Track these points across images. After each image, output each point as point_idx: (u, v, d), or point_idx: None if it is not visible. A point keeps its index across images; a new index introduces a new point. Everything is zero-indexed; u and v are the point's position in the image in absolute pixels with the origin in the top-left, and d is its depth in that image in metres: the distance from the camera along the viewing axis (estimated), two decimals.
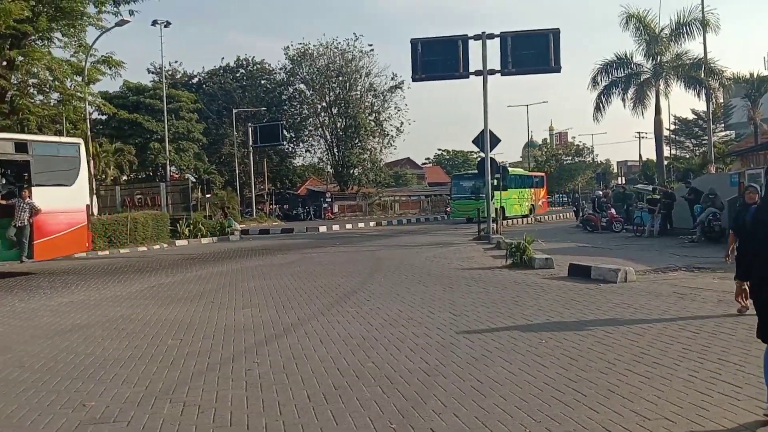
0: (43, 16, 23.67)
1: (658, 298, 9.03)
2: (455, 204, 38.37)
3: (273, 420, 4.56)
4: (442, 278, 12.06)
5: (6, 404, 5.13)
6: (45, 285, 13.15)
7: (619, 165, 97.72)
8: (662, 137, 37.31)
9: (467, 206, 35.16)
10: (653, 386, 5.03)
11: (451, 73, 22.07)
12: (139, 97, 47.59)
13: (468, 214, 34.62)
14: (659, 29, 33.35)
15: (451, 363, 5.91)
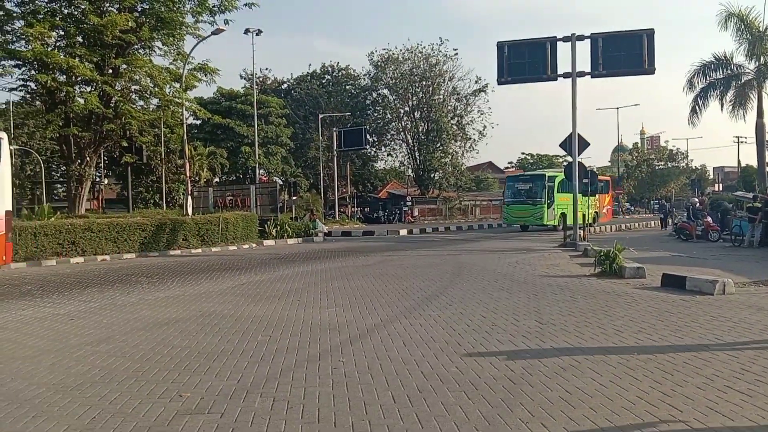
0: (146, 26, 25.10)
1: (759, 312, 8.51)
2: (508, 209, 34.11)
3: (359, 419, 4.63)
4: (527, 285, 11.84)
5: (110, 391, 5.46)
6: (143, 280, 13.89)
7: (716, 171, 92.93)
8: (764, 142, 35.09)
9: (522, 212, 32.26)
10: (756, 405, 4.75)
11: (538, 76, 21.70)
12: (231, 103, 49.50)
13: (523, 220, 32.37)
14: (764, 27, 31.45)
15: (538, 372, 5.80)
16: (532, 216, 31.34)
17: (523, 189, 33.20)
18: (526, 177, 36.89)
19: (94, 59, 24.41)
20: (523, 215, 32.08)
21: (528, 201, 32.14)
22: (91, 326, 8.53)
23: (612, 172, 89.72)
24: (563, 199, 31.57)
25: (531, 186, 32.80)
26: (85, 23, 24.14)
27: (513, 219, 33.23)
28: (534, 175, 35.46)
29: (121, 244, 20.47)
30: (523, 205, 32.22)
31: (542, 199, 31.19)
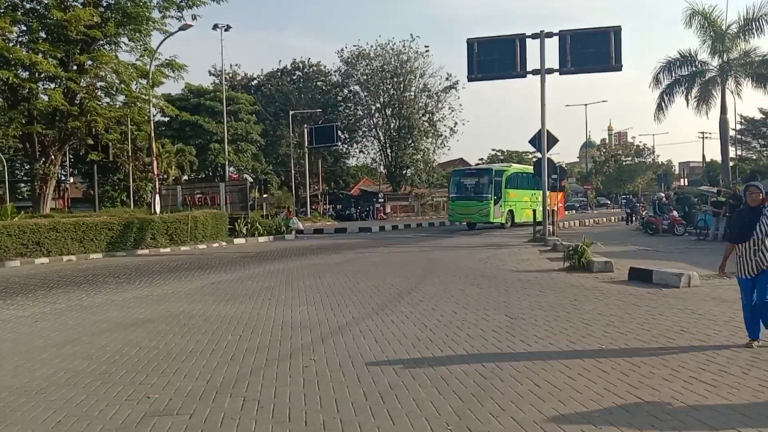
0: (111, 21, 24.60)
1: (723, 304, 8.70)
2: (453, 205, 31.70)
3: (330, 417, 4.61)
4: (497, 280, 11.94)
5: (76, 394, 5.35)
6: (110, 281, 13.65)
7: (682, 166, 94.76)
8: (728, 137, 35.91)
9: (467, 208, 30.27)
10: (720, 395, 4.85)
11: (507, 73, 21.87)
12: (199, 100, 48.93)
13: (468, 217, 30.53)
14: (726, 26, 32.15)
15: (508, 366, 5.84)
16: (477, 213, 29.79)
17: (469, 184, 31.22)
18: (472, 171, 34.78)
19: (58, 55, 23.87)
20: (469, 212, 30.25)
21: (474, 197, 30.33)
22: (56, 328, 8.35)
23: (580, 168, 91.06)
24: (512, 194, 31.05)
25: (477, 180, 30.95)
26: (48, 18, 23.57)
27: (458, 216, 31.27)
28: (480, 169, 34.12)
29: (87, 244, 20.08)
30: (469, 201, 30.36)
31: (489, 194, 29.77)
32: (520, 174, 33.33)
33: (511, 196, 30.96)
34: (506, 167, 33.35)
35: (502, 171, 31.43)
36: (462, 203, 30.71)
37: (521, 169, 34.45)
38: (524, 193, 32.45)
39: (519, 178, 32.73)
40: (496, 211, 29.66)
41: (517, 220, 31.46)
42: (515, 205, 31.40)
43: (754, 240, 6.26)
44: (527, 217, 31.76)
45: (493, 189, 29.68)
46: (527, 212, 31.69)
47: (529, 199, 32.37)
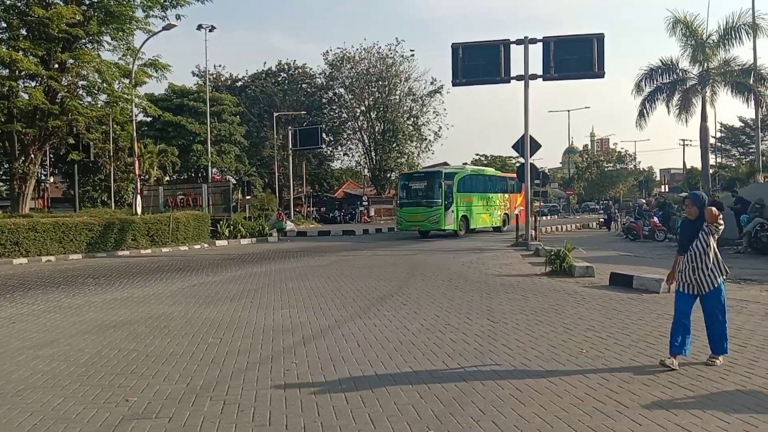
0: (94, 20, 24.38)
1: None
2: (402, 212, 28.96)
3: (311, 421, 4.59)
4: (480, 284, 11.97)
5: (53, 396, 5.28)
6: (90, 282, 13.50)
7: (663, 173, 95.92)
8: (708, 145, 36.34)
9: (416, 215, 27.82)
10: (698, 400, 4.90)
11: (492, 78, 21.95)
12: (183, 100, 48.58)
13: (417, 225, 28.05)
14: (707, 35, 32.56)
15: (490, 370, 5.86)
16: (427, 220, 27.60)
17: (418, 188, 28.89)
18: (420, 174, 32.11)
19: (39, 53, 23.58)
20: (418, 219, 27.91)
21: (423, 202, 28.00)
22: (34, 330, 8.24)
23: (563, 174, 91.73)
24: (466, 199, 29.28)
25: (426, 185, 28.56)
26: (30, 15, 23.30)
27: (406, 224, 28.62)
28: (429, 172, 31.34)
29: (67, 245, 19.87)
30: (418, 208, 27.99)
31: (439, 199, 27.55)
32: (475, 176, 31.75)
33: (465, 200, 29.17)
34: (458, 169, 31.34)
35: (454, 174, 29.38)
36: (410, 210, 28.36)
37: (476, 171, 33.24)
38: (480, 197, 30.89)
39: (474, 181, 31.05)
40: (448, 217, 27.56)
41: (472, 227, 29.88)
42: (470, 210, 29.61)
43: (692, 255, 5.87)
44: (484, 223, 31.06)
45: (443, 193, 27.49)
46: (485, 217, 30.99)
47: (485, 204, 31.10)
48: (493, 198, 32.02)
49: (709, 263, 5.81)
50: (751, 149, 49.78)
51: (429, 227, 27.95)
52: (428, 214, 27.53)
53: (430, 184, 28.22)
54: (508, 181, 34.64)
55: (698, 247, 5.84)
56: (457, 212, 28.20)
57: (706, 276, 5.82)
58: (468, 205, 29.41)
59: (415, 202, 28.31)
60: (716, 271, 5.85)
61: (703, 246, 5.82)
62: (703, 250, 5.81)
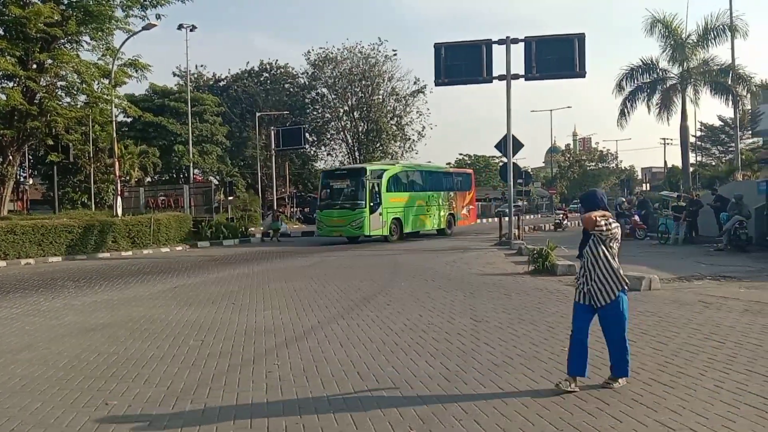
0: (73, 19, 24.07)
1: (682, 307, 8.89)
2: (322, 216, 25.66)
3: (293, 423, 4.56)
4: (463, 283, 12.00)
5: (31, 401, 5.20)
6: (69, 284, 13.34)
7: (644, 171, 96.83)
8: (688, 144, 36.74)
9: (337, 219, 24.58)
10: (678, 396, 4.94)
11: (474, 78, 22.02)
12: (164, 100, 48.13)
13: (339, 230, 24.77)
14: (686, 35, 32.90)
15: (472, 369, 5.87)
16: (349, 224, 24.35)
17: (341, 188, 25.56)
18: (342, 172, 28.39)
19: (16, 53, 23.22)
20: (340, 223, 24.60)
21: (346, 204, 24.72)
22: (12, 333, 8.13)
23: (546, 173, 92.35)
24: (397, 199, 26.00)
25: (349, 184, 25.33)
26: (6, 15, 22.96)
27: (327, 229, 25.27)
28: (352, 170, 27.91)
29: (46, 247, 19.61)
30: (339, 210, 24.73)
31: (363, 200, 24.29)
32: (411, 173, 28.29)
33: (397, 200, 25.82)
34: (388, 165, 28.18)
35: (382, 171, 25.87)
36: (331, 212, 25.05)
37: (411, 167, 29.55)
38: (417, 196, 27.33)
39: (408, 179, 27.76)
40: (374, 221, 24.39)
41: (407, 230, 26.55)
42: (404, 212, 26.22)
43: (584, 263, 5.26)
44: (423, 226, 27.78)
45: (368, 193, 24.30)
46: (423, 219, 27.61)
47: (425, 204, 27.66)
48: (434, 197, 28.46)
49: (603, 272, 5.13)
50: (730, 148, 50.37)
51: (352, 233, 24.65)
52: (351, 217, 24.27)
53: (354, 183, 25.00)
54: (454, 178, 31.61)
55: (590, 253, 5.21)
56: (386, 215, 25.00)
57: (601, 286, 5.14)
58: (401, 207, 26.11)
59: (336, 204, 25.02)
60: (613, 282, 5.14)
61: (594, 253, 5.17)
62: (595, 257, 5.17)
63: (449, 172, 32.77)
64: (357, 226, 24.17)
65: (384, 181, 25.15)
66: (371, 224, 24.27)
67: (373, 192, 24.49)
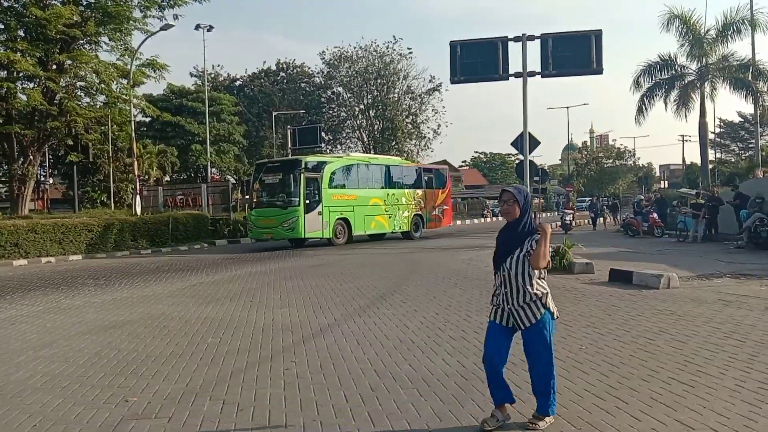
0: (92, 21, 24.39)
1: (702, 305, 8.79)
2: (252, 216, 22.79)
3: (311, 420, 4.58)
4: (480, 281, 11.96)
5: (53, 397, 5.27)
6: (90, 282, 13.50)
7: (662, 169, 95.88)
8: (707, 140, 36.35)
9: (269, 218, 21.60)
10: (698, 395, 4.90)
11: (490, 75, 21.88)
12: (181, 100, 48.54)
13: (270, 231, 21.71)
14: (704, 30, 32.53)
15: None
16: (280, 225, 21.35)
17: (273, 183, 22.51)
18: (275, 164, 24.53)
19: (36, 54, 23.60)
20: (269, 224, 21.60)
21: (277, 202, 21.76)
22: (34, 331, 8.24)
23: (562, 170, 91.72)
24: (342, 197, 22.92)
25: (281, 178, 22.15)
26: (27, 16, 23.29)
27: (258, 230, 22.33)
28: (287, 162, 24.42)
29: (66, 246, 19.86)
30: (270, 209, 21.79)
31: (297, 198, 21.30)
32: (361, 167, 24.83)
33: (343, 198, 22.94)
34: (333, 158, 25.00)
35: (322, 164, 22.86)
36: (262, 211, 22.15)
37: (361, 160, 25.75)
38: (372, 194, 24.28)
39: (360, 174, 24.52)
40: (311, 221, 21.49)
41: (358, 232, 23.67)
42: (353, 211, 23.21)
43: (505, 276, 4.32)
44: (380, 228, 24.68)
45: (302, 190, 21.30)
46: (380, 220, 24.47)
47: (383, 203, 24.65)
48: (395, 195, 25.26)
49: (530, 290, 4.26)
50: (750, 144, 49.76)
51: (283, 235, 21.72)
52: (282, 217, 21.33)
53: (287, 178, 21.79)
54: (422, 175, 28.00)
55: (515, 263, 4.27)
56: (328, 214, 22.10)
57: (523, 306, 4.28)
58: (349, 205, 23.13)
59: (268, 202, 22.21)
60: (538, 301, 4.29)
61: (521, 266, 4.26)
62: (520, 271, 4.26)
63: (417, 168, 29.06)
64: (289, 227, 21.27)
65: (325, 175, 22.29)
66: (307, 225, 21.34)
67: (311, 188, 21.65)
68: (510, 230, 4.37)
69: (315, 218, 21.56)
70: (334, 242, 22.35)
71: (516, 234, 4.31)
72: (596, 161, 78.33)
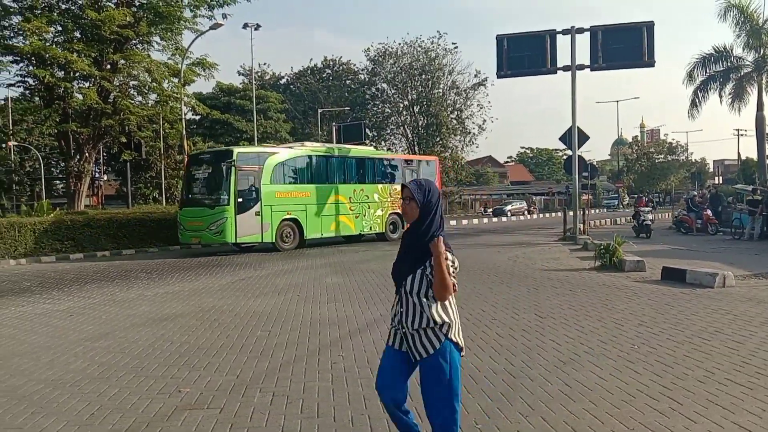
0: (144, 21, 25.01)
1: (759, 305, 8.49)
2: (182, 215, 19.30)
3: (358, 414, 4.61)
4: (527, 279, 11.83)
5: (109, 387, 5.45)
6: (143, 276, 13.88)
7: (716, 164, 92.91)
8: (764, 135, 35.04)
9: (196, 220, 18.56)
10: (756, 398, 4.73)
11: (537, 69, 21.62)
12: (230, 98, 49.46)
13: (197, 235, 18.65)
14: (763, 20, 31.35)
15: (538, 365, 5.78)
16: (208, 228, 18.30)
17: (202, 178, 19.52)
18: (206, 156, 20.92)
19: (92, 54, 24.34)
20: (197, 226, 18.52)
21: (204, 200, 18.93)
22: (90, 322, 8.52)
23: (612, 166, 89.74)
24: (287, 194, 19.82)
25: (210, 173, 19.15)
26: (83, 18, 24.06)
27: (187, 233, 19.00)
28: (217, 153, 20.80)
29: (120, 240, 20.44)
30: (198, 208, 18.77)
31: (226, 196, 18.28)
32: (312, 158, 21.18)
33: (289, 195, 19.86)
34: (278, 149, 21.40)
35: (263, 155, 19.65)
36: (189, 211, 19.05)
37: (317, 151, 21.77)
38: (329, 190, 21.17)
39: (312, 166, 21.14)
40: (244, 223, 18.44)
41: (313, 235, 20.60)
42: (305, 210, 20.17)
43: (402, 294, 3.55)
44: (347, 230, 21.69)
45: (232, 186, 18.27)
46: (347, 221, 21.60)
47: (347, 200, 21.64)
48: (364, 192, 22.29)
49: (428, 312, 3.38)
50: None
51: (211, 239, 18.58)
52: (210, 218, 18.27)
53: (216, 172, 18.79)
54: (403, 166, 24.55)
55: (414, 282, 3.45)
56: (269, 215, 19.09)
57: (419, 331, 3.39)
58: (300, 204, 20.10)
59: (196, 200, 19.26)
60: (438, 329, 3.37)
61: (417, 285, 3.42)
62: (421, 289, 3.42)
63: (394, 159, 25.04)
64: (217, 230, 18.16)
65: (266, 169, 19.22)
66: (239, 227, 18.31)
67: (246, 184, 18.65)
68: (412, 235, 3.48)
69: (250, 219, 18.55)
70: (280, 247, 19.32)
71: (418, 242, 3.41)
72: (647, 156, 76.39)
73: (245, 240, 18.78)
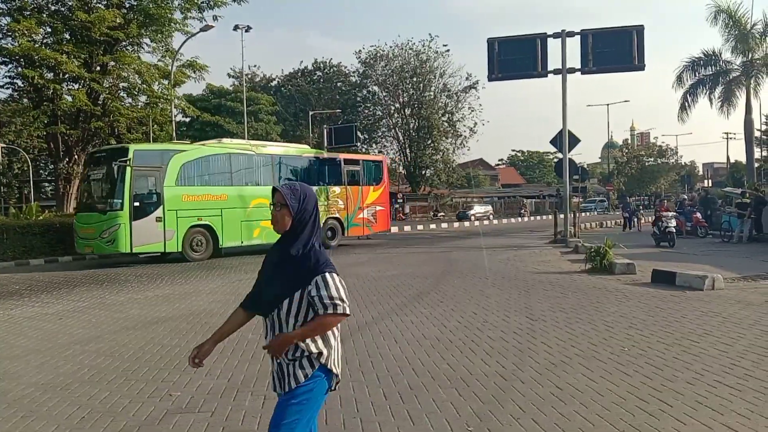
0: (134, 23, 24.91)
1: (748, 307, 8.56)
2: (78, 221, 17.43)
3: (350, 417, 4.61)
4: (518, 281, 11.87)
5: (100, 390, 5.42)
6: (133, 279, 13.81)
7: (705, 167, 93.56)
8: (753, 138, 35.35)
9: (88, 228, 16.68)
10: (745, 399, 4.77)
11: (528, 72, 21.70)
12: (220, 100, 49.35)
13: (89, 244, 16.74)
14: (751, 25, 31.64)
15: (529, 368, 5.80)
16: (100, 236, 16.33)
17: (97, 180, 17.54)
18: (101, 154, 18.15)
19: (81, 56, 24.20)
20: (89, 234, 16.67)
21: (97, 204, 16.96)
22: (80, 325, 8.47)
23: (602, 169, 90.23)
24: (196, 197, 17.75)
25: (104, 173, 16.96)
26: (73, 19, 23.93)
27: (81, 241, 17.04)
28: (111, 151, 17.91)
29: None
30: (90, 214, 16.88)
31: (119, 199, 16.33)
32: (231, 157, 19.03)
33: (200, 199, 17.79)
34: (182, 148, 18.65)
35: (166, 154, 17.58)
36: (82, 217, 17.26)
37: (236, 148, 19.68)
38: (251, 193, 18.93)
39: (230, 166, 18.93)
40: (141, 231, 16.48)
41: (230, 243, 18.58)
42: (220, 216, 18.10)
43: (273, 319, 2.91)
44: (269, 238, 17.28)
45: (127, 189, 16.32)
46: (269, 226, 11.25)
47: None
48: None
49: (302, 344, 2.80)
50: None
51: (103, 249, 16.58)
52: (102, 225, 16.33)
53: (109, 173, 16.60)
54: (343, 167, 22.46)
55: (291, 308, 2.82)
56: (173, 221, 17.05)
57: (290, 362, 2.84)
58: (213, 209, 18.02)
59: (89, 205, 17.34)
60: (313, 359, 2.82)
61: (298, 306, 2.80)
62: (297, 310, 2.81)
63: (331, 159, 22.66)
64: (109, 238, 16.19)
65: (170, 169, 17.16)
66: (135, 236, 16.32)
67: (144, 186, 16.73)
68: (282, 249, 2.92)
69: (149, 226, 16.55)
70: (189, 257, 17.34)
71: (290, 256, 2.86)
72: (637, 159, 76.91)
73: (143, 249, 16.76)
